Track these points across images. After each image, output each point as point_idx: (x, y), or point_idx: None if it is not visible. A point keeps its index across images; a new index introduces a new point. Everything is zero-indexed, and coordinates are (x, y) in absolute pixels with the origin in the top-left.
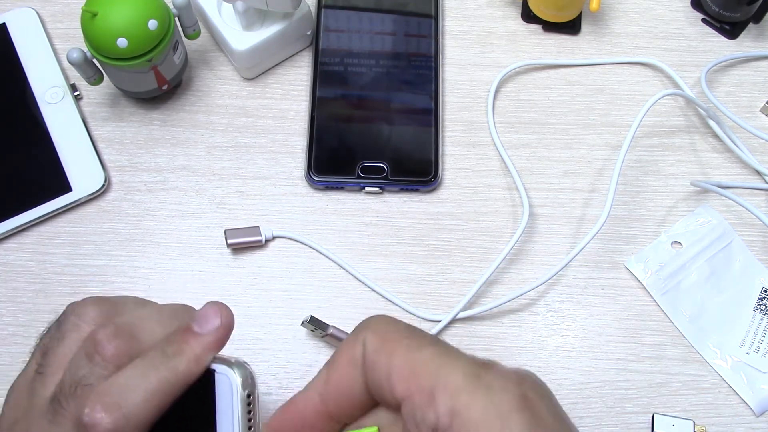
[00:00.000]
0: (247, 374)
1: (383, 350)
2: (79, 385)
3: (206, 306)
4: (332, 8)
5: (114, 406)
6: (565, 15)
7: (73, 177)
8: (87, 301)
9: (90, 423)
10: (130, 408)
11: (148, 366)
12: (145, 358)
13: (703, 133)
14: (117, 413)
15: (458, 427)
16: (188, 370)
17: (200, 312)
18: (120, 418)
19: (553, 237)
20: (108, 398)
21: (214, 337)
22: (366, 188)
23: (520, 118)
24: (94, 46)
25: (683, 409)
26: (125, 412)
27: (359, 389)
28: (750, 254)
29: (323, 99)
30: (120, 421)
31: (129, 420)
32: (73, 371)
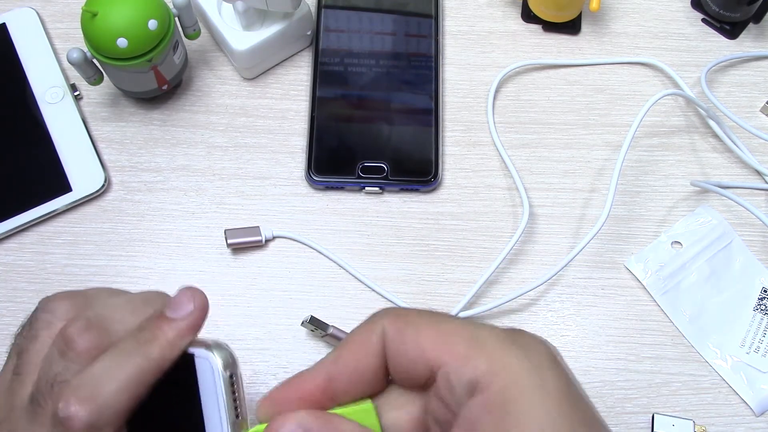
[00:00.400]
0: (227, 355)
1: (408, 329)
2: (55, 381)
3: (179, 291)
4: (332, 8)
5: (88, 398)
6: (565, 15)
7: (73, 177)
8: (57, 296)
9: (65, 417)
10: (105, 398)
11: (121, 355)
12: (117, 348)
13: (703, 133)
14: (91, 405)
15: (498, 383)
16: (162, 357)
17: (173, 298)
18: (95, 409)
19: (553, 237)
20: (81, 391)
21: (188, 322)
22: (366, 188)
23: (520, 118)
24: (94, 46)
25: (683, 409)
26: (100, 403)
27: (371, 373)
28: (750, 254)
29: (323, 99)
30: (95, 412)
31: (104, 411)
32: (47, 369)
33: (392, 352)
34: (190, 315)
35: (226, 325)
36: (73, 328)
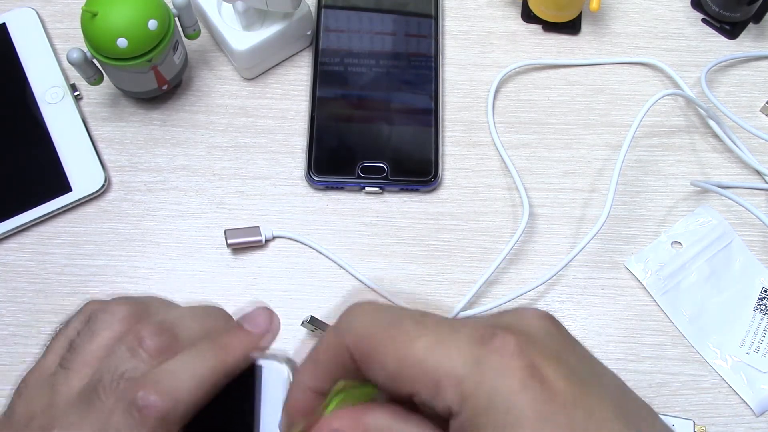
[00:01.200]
0: (294, 366)
1: (375, 354)
2: (122, 378)
3: (257, 309)
4: (332, 8)
5: (166, 390)
6: (565, 15)
7: (73, 177)
8: (117, 300)
9: (144, 405)
10: (182, 393)
11: (199, 354)
12: (195, 348)
13: (703, 133)
14: (170, 397)
15: (469, 411)
16: (236, 363)
17: (251, 313)
18: (171, 402)
19: (553, 237)
20: (161, 384)
21: (265, 339)
22: (366, 188)
23: (520, 118)
24: (94, 46)
25: (683, 409)
26: (177, 397)
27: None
28: (750, 254)
29: (323, 99)
30: (170, 404)
31: (179, 405)
32: (113, 366)
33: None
34: (266, 333)
35: None
36: (146, 330)
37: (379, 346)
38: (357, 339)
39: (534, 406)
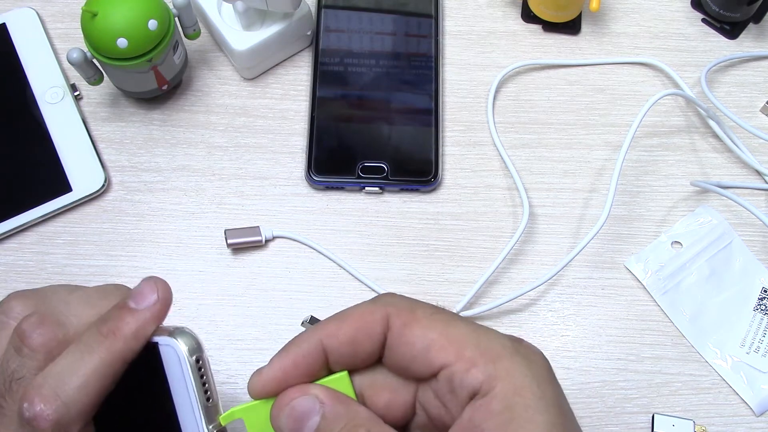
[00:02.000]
0: (191, 340)
1: (415, 326)
2: (13, 379)
3: (142, 282)
4: (332, 8)
5: (52, 396)
6: (565, 15)
7: (73, 177)
8: (11, 295)
9: (31, 417)
10: (70, 395)
11: (84, 349)
12: (79, 342)
13: (703, 133)
14: (56, 402)
15: (502, 389)
16: (126, 348)
17: (136, 289)
18: (61, 406)
19: (553, 237)
20: (45, 389)
21: (152, 312)
22: (366, 188)
23: (520, 118)
24: (94, 46)
25: (683, 409)
26: (65, 400)
27: (366, 353)
28: (750, 254)
29: (323, 99)
30: (61, 409)
31: (70, 407)
32: (3, 368)
33: (395, 343)
34: (154, 305)
35: (225, 325)
36: (27, 324)
37: (422, 318)
38: (399, 309)
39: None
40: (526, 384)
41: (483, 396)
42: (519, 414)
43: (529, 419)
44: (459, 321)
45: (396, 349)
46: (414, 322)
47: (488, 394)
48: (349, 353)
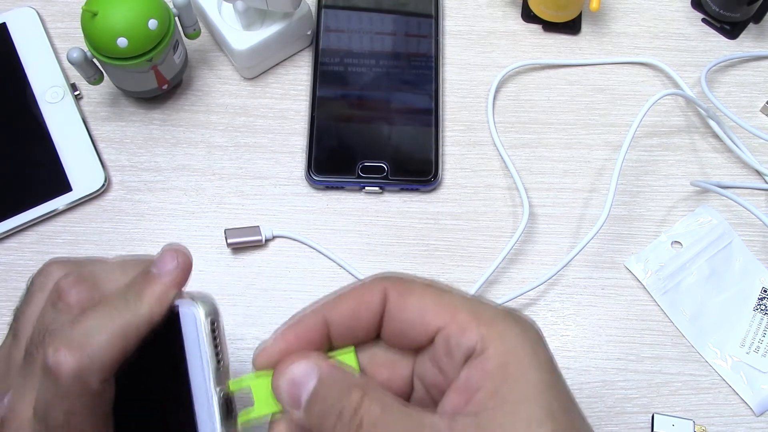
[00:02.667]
0: (208, 304)
1: (411, 294)
2: (46, 332)
3: (163, 250)
4: (332, 8)
5: (77, 347)
6: (565, 15)
7: (73, 177)
8: (50, 261)
9: (54, 363)
10: (94, 348)
11: (111, 310)
12: (107, 303)
13: (703, 133)
14: (80, 353)
15: (497, 349)
16: (150, 311)
17: (158, 257)
18: (84, 358)
19: (553, 237)
20: (71, 340)
21: (172, 277)
22: (366, 188)
23: (520, 118)
24: (94, 46)
25: (683, 409)
26: (89, 353)
27: (365, 326)
28: (750, 254)
29: (323, 99)
30: (84, 360)
31: (93, 360)
32: (40, 322)
33: (392, 313)
34: (174, 271)
35: (226, 325)
36: (65, 282)
37: (417, 289)
38: (395, 282)
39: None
40: (519, 345)
41: (477, 356)
42: (513, 372)
43: (523, 376)
44: (453, 290)
45: (394, 318)
46: (410, 292)
47: (482, 355)
48: (350, 327)
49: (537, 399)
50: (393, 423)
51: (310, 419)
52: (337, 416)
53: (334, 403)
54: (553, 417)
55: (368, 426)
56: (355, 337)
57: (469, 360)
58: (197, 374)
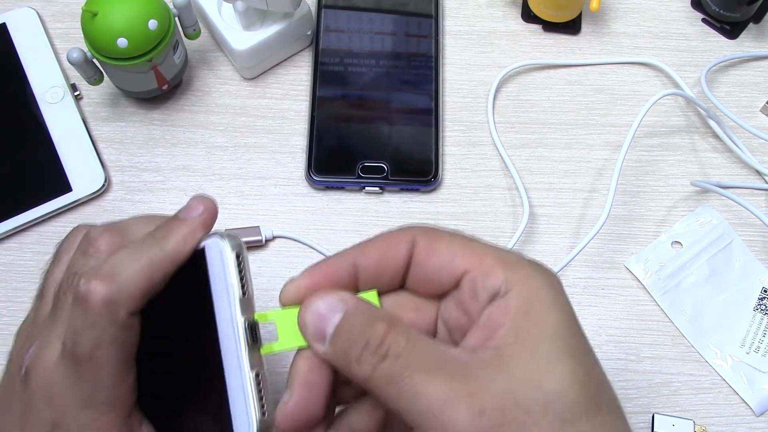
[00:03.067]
0: (234, 238)
1: (441, 241)
2: (75, 275)
3: (191, 199)
4: (332, 8)
5: (107, 277)
6: (565, 15)
7: (73, 177)
8: (77, 226)
9: (84, 292)
10: (123, 278)
11: (139, 247)
12: (135, 242)
13: (703, 133)
14: (110, 282)
15: (520, 291)
16: (176, 249)
17: (186, 204)
18: (114, 286)
19: (554, 237)
20: (102, 270)
21: (199, 221)
22: (366, 188)
23: (520, 118)
24: (94, 46)
25: (683, 409)
26: (119, 282)
27: (392, 272)
28: (750, 254)
29: (323, 99)
30: (114, 288)
31: (122, 289)
32: (69, 270)
33: (421, 258)
34: (201, 215)
35: None
36: (94, 231)
37: (446, 235)
38: (424, 231)
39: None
40: (542, 288)
41: (501, 297)
42: (535, 310)
43: (544, 316)
44: (479, 240)
45: (422, 264)
46: (439, 239)
47: (506, 295)
48: (377, 272)
49: (557, 337)
50: (417, 354)
51: (334, 352)
52: (363, 347)
53: (360, 335)
54: (573, 354)
55: (393, 356)
56: (381, 284)
57: (493, 301)
58: (223, 304)
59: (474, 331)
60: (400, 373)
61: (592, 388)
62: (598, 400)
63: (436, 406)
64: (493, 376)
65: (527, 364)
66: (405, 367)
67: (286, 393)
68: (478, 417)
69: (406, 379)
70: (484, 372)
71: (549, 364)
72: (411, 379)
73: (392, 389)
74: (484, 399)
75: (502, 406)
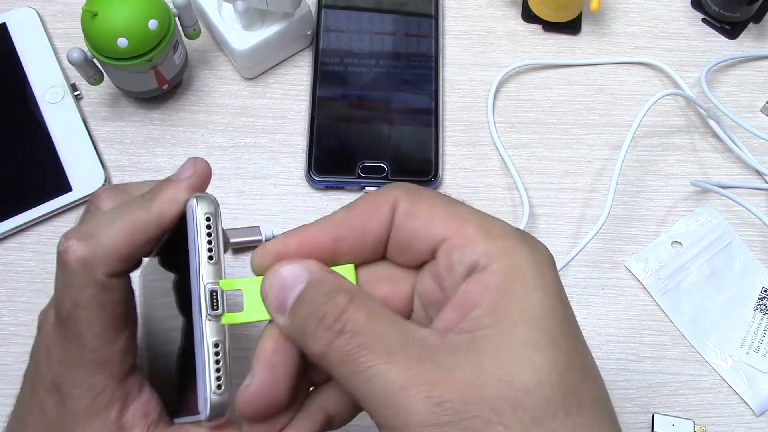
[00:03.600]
0: (207, 200)
1: (423, 203)
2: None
3: (185, 162)
4: (332, 8)
5: (87, 235)
6: (565, 15)
7: (73, 177)
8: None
9: (63, 249)
10: (102, 238)
11: (125, 207)
12: (123, 203)
13: (703, 133)
14: (89, 241)
15: (500, 265)
16: (162, 210)
17: (179, 168)
18: (92, 245)
19: (554, 237)
20: (82, 230)
21: (188, 182)
22: (366, 188)
23: (520, 118)
24: (95, 46)
25: (683, 409)
26: (95, 241)
27: (374, 240)
28: (750, 254)
29: (323, 99)
30: (91, 248)
31: (98, 250)
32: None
33: (400, 222)
34: (190, 177)
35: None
36: (101, 190)
37: (428, 198)
38: (407, 191)
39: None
40: (526, 264)
41: (480, 272)
42: (515, 290)
43: (525, 296)
44: (465, 204)
45: (401, 227)
46: (421, 201)
47: (485, 270)
48: (359, 239)
49: (538, 321)
50: (377, 331)
51: (293, 326)
52: (319, 320)
53: (318, 308)
54: (554, 342)
55: (350, 332)
56: (363, 253)
57: (470, 276)
58: (193, 269)
59: (447, 310)
60: (355, 351)
61: (573, 381)
62: (579, 395)
63: (391, 391)
64: (460, 364)
65: (500, 352)
66: (362, 346)
67: (248, 376)
68: (435, 408)
69: (361, 359)
70: (451, 358)
71: (524, 353)
72: (366, 360)
73: (345, 369)
74: (447, 389)
75: (466, 398)
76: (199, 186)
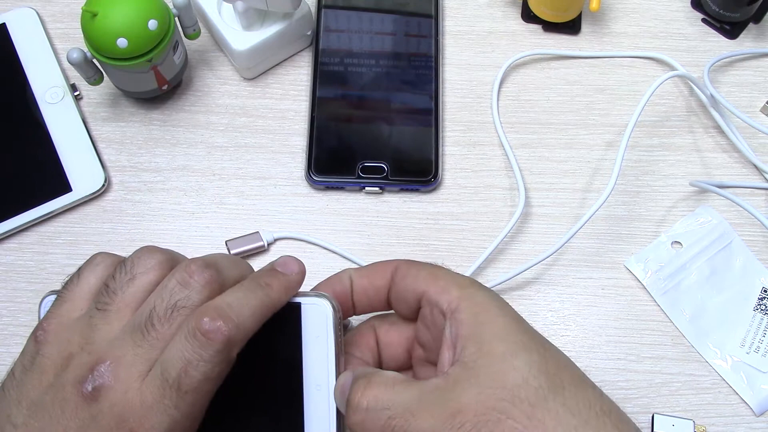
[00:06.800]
0: (334, 301)
1: (412, 269)
2: (176, 309)
3: (286, 257)
4: (332, 8)
5: (231, 317)
6: (565, 15)
7: (73, 177)
8: (148, 247)
9: (209, 329)
10: (242, 319)
11: (248, 290)
12: (243, 285)
13: (703, 133)
14: (234, 323)
15: (469, 305)
16: (279, 297)
17: (280, 260)
18: (234, 327)
19: (554, 237)
20: (226, 311)
21: (296, 278)
22: (366, 188)
23: (520, 118)
24: (94, 46)
25: (683, 409)
26: (238, 323)
27: (380, 294)
28: (750, 254)
29: (323, 99)
30: (233, 330)
31: (239, 330)
32: (165, 298)
33: (396, 280)
34: (297, 274)
35: None
36: (195, 265)
37: (419, 264)
38: (407, 260)
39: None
40: (486, 301)
41: (453, 312)
42: (483, 319)
43: (492, 321)
44: (443, 269)
45: (397, 285)
46: (413, 266)
47: (456, 309)
48: (367, 288)
49: (508, 336)
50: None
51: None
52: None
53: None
54: (525, 348)
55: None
56: (370, 299)
57: (448, 317)
58: (315, 367)
59: (444, 351)
60: (387, 423)
61: (551, 370)
62: (560, 379)
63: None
64: (465, 390)
65: (490, 368)
66: (391, 418)
67: None
68: (459, 430)
69: (396, 427)
70: (458, 390)
71: (507, 362)
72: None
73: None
74: (462, 413)
75: (477, 412)
76: (301, 284)
